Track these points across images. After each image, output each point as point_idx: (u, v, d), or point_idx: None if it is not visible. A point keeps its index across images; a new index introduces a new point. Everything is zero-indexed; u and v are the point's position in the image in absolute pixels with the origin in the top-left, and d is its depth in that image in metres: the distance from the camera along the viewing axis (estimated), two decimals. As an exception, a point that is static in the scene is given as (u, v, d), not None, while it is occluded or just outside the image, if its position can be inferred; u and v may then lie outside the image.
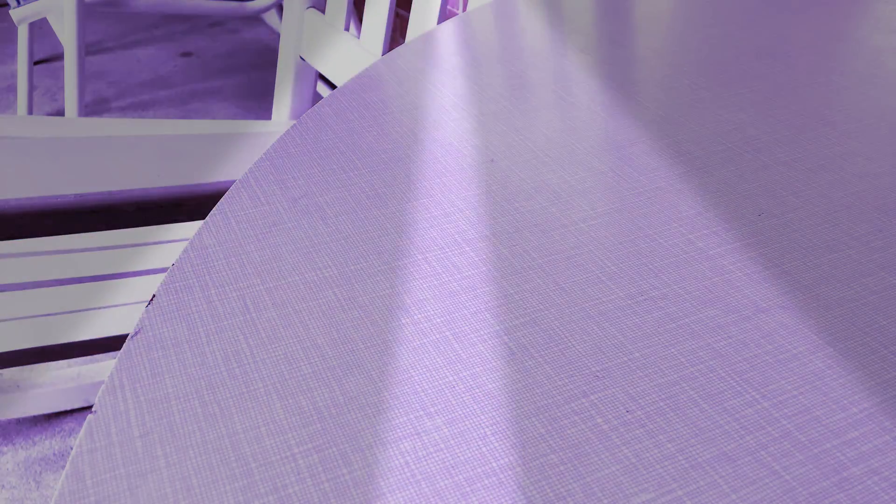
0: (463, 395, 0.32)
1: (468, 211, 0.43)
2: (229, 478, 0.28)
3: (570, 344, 0.34)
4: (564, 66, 0.59)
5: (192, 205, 0.93)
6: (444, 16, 0.88)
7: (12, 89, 2.00)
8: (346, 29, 1.02)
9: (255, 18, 2.43)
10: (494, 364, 0.33)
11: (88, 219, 0.88)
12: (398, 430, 0.30)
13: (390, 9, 0.93)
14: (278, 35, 2.30)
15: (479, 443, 0.30)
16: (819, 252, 0.41)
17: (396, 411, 0.31)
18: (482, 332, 0.35)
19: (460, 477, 0.28)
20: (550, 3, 0.71)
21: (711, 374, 0.33)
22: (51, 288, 0.75)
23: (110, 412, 0.30)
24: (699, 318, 0.36)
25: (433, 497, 0.28)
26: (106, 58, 2.16)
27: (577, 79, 0.57)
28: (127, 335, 0.65)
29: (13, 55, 2.16)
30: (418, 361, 0.33)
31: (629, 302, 0.37)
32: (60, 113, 1.90)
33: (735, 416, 0.31)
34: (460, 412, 0.31)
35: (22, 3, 1.50)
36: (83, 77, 1.44)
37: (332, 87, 1.91)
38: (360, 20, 1.84)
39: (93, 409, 0.30)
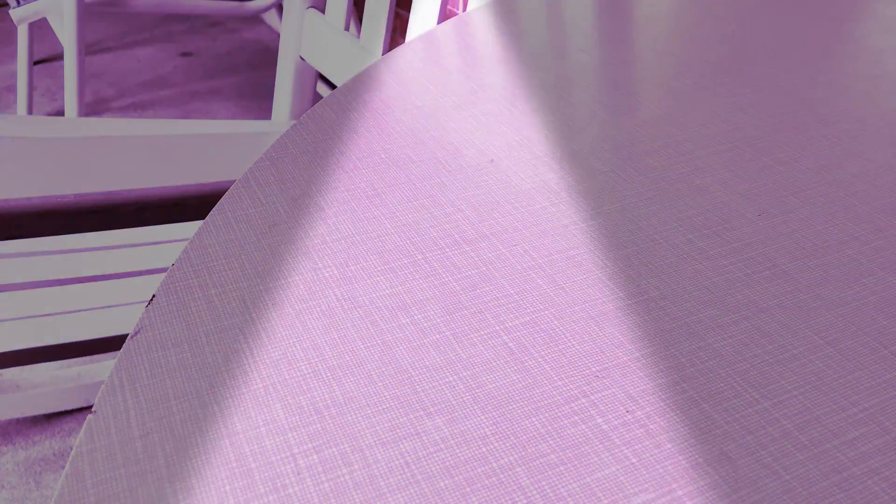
0: (463, 395, 0.32)
1: (468, 211, 0.43)
2: (229, 478, 0.28)
3: (569, 344, 0.34)
4: (564, 66, 0.59)
5: (192, 205, 0.93)
6: (444, 16, 0.88)
7: (12, 89, 2.00)
8: (346, 29, 1.02)
9: (255, 18, 2.43)
10: (494, 364, 0.33)
11: (88, 219, 0.88)
12: (398, 430, 0.30)
13: (390, 9, 0.93)
14: (278, 35, 2.30)
15: (479, 443, 0.30)
16: (819, 252, 0.41)
17: (396, 411, 0.31)
18: (482, 332, 0.35)
19: (460, 477, 0.28)
20: (550, 3, 0.71)
21: (711, 374, 0.33)
22: (51, 288, 0.75)
23: (110, 412, 0.30)
24: (699, 318, 0.36)
25: (433, 497, 0.28)
26: (106, 58, 2.16)
27: (577, 79, 0.57)
28: (127, 335, 0.65)
29: (13, 55, 2.16)
30: (418, 361, 0.33)
31: (629, 302, 0.37)
32: (60, 113, 1.90)
33: (735, 416, 0.31)
34: (460, 412, 0.31)
35: (22, 3, 1.50)
36: (83, 77, 1.44)
37: (332, 87, 1.90)
38: (360, 20, 1.83)
39: (93, 409, 0.30)
